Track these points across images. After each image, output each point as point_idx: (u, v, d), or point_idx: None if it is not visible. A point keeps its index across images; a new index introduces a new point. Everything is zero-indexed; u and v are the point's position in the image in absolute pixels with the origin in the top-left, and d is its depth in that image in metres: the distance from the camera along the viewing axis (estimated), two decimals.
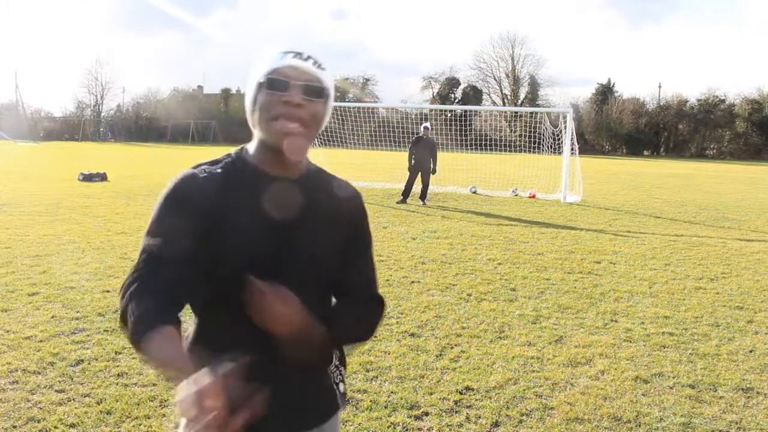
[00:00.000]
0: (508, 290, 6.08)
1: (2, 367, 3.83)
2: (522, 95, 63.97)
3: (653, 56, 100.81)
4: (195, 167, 1.36)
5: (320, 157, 17.74)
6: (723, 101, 54.41)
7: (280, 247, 1.34)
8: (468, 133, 22.71)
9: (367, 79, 65.68)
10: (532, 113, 23.49)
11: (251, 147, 1.40)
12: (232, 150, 1.42)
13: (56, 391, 3.53)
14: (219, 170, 1.36)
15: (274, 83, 1.30)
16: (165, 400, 3.45)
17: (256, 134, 1.37)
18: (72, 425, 3.16)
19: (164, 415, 3.30)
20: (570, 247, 8.48)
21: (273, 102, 1.30)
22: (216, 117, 56.43)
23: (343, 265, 1.45)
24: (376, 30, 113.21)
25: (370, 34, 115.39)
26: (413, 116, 32.48)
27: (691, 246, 8.85)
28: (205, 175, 1.34)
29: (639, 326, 5.05)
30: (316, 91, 1.33)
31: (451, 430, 3.26)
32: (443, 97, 61.38)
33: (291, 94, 1.29)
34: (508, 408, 3.50)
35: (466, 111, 28.41)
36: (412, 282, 6.29)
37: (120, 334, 4.45)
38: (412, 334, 4.68)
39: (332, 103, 1.40)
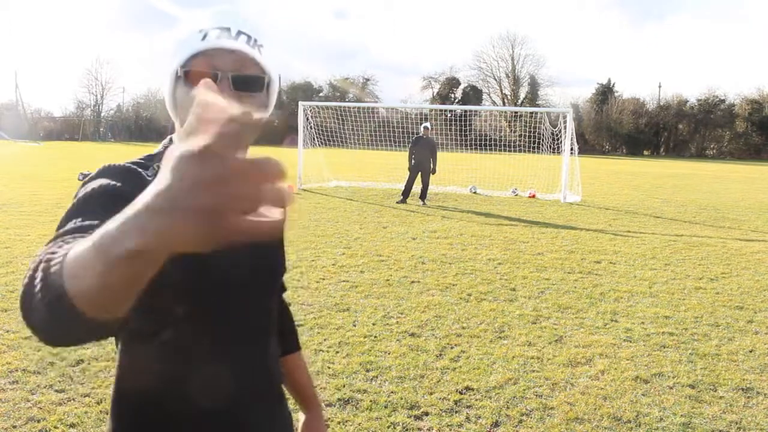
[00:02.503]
0: (508, 290, 6.08)
1: (2, 367, 3.83)
2: (522, 95, 64.00)
3: (653, 56, 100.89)
4: (123, 163, 1.03)
5: (320, 157, 17.75)
6: (723, 101, 54.49)
7: (242, 255, 1.05)
8: (468, 133, 22.73)
9: (367, 79, 65.77)
10: (532, 113, 23.50)
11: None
12: (156, 149, 1.11)
13: (56, 391, 3.53)
14: (140, 162, 1.04)
15: (195, 77, 0.97)
16: None
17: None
18: (72, 425, 3.16)
19: None
20: (570, 247, 8.48)
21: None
22: None
23: None
24: (377, 30, 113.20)
25: (371, 34, 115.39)
26: (413, 116, 32.47)
27: (691, 246, 8.85)
28: (140, 173, 1.01)
29: (639, 326, 5.05)
30: (253, 83, 1.00)
31: (451, 430, 3.26)
32: (443, 97, 61.40)
33: (220, 90, 0.92)
34: (508, 408, 3.50)
35: (466, 111, 28.42)
36: (412, 282, 6.29)
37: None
38: (412, 334, 4.68)
39: (276, 89, 1.08)
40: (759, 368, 4.21)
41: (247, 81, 0.99)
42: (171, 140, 1.08)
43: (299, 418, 1.41)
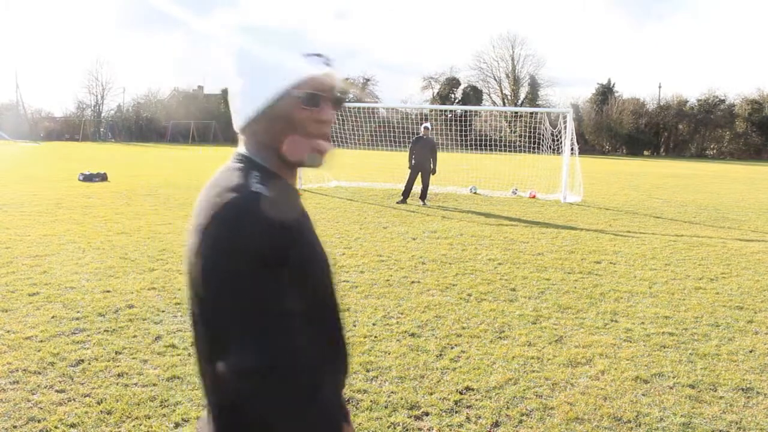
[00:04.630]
0: (508, 290, 6.08)
1: (3, 367, 3.83)
2: (522, 95, 63.97)
3: (653, 56, 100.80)
4: (245, 187, 1.10)
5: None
6: (723, 101, 54.43)
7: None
8: (468, 133, 22.73)
9: (367, 79, 65.69)
10: (532, 113, 23.50)
11: (263, 156, 1.19)
12: (236, 159, 1.19)
13: (56, 391, 3.53)
14: (263, 185, 1.13)
15: (311, 99, 1.14)
16: (165, 400, 3.45)
17: (272, 143, 1.18)
18: (72, 425, 3.17)
19: (164, 415, 3.30)
20: (570, 247, 8.48)
21: (306, 119, 1.14)
22: (216, 117, 56.45)
23: None
24: (377, 30, 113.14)
25: (371, 34, 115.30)
26: (413, 116, 32.50)
27: (691, 246, 8.85)
28: (270, 195, 1.11)
29: (639, 326, 5.05)
30: (342, 104, 1.24)
31: (451, 430, 3.26)
32: (443, 98, 61.37)
33: (325, 111, 1.17)
34: (508, 408, 3.51)
35: (466, 111, 28.43)
36: (412, 282, 6.29)
37: (120, 333, 4.46)
38: (412, 334, 4.68)
39: None
40: (759, 368, 4.21)
41: (341, 103, 1.25)
42: (240, 155, 1.20)
43: None
